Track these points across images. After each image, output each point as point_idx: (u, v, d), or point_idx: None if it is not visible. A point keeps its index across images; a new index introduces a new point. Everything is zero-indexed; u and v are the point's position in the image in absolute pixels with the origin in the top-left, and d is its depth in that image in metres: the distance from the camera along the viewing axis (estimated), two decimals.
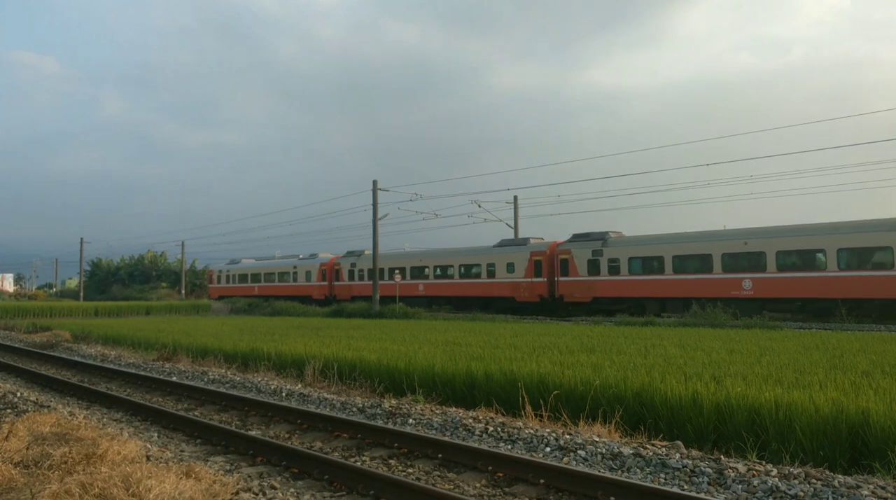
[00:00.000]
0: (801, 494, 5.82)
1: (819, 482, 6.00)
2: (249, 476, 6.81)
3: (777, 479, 6.14)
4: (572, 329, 21.62)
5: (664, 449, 7.29)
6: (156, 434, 9.25)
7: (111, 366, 16.94)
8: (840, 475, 6.19)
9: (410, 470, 7.24)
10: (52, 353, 21.15)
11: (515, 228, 45.44)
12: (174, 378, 14.40)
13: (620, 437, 8.09)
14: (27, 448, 6.36)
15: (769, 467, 6.51)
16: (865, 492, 5.69)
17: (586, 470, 6.67)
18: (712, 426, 8.11)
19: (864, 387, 8.62)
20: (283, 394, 12.00)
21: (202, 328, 27.29)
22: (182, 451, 8.15)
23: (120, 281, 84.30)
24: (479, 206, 44.51)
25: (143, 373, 15.19)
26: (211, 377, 14.29)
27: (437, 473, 7.12)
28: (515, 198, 45.67)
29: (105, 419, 10.10)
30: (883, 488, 5.81)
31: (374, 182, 42.14)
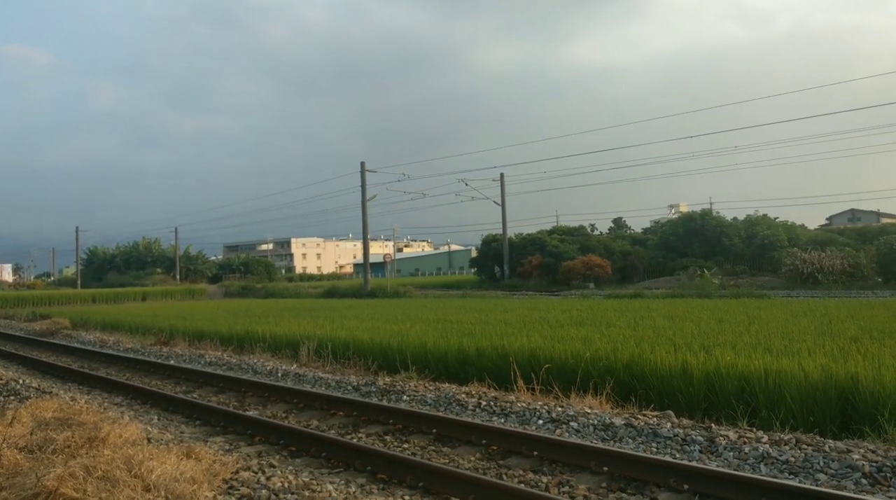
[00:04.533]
0: (792, 459, 5.87)
1: (810, 448, 6.06)
2: (248, 455, 6.89)
3: (768, 445, 6.21)
4: (562, 303, 21.76)
5: (655, 419, 7.37)
6: (156, 417, 9.35)
7: (110, 351, 17.04)
8: (830, 440, 6.25)
9: (406, 446, 7.34)
10: (52, 340, 21.26)
11: (503, 205, 45.33)
12: (172, 362, 14.48)
13: (612, 408, 8.16)
14: (31, 434, 6.42)
15: (760, 433, 6.58)
16: (856, 456, 5.73)
17: (579, 441, 6.78)
18: (703, 395, 8.19)
19: (852, 353, 8.70)
20: (279, 374, 12.10)
21: (198, 312, 27.37)
22: (182, 432, 8.24)
23: (116, 268, 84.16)
24: (466, 184, 44.54)
25: (141, 358, 15.27)
26: (208, 360, 14.38)
27: (432, 448, 7.22)
28: (502, 176, 45.52)
29: (106, 404, 10.18)
30: (873, 451, 5.85)
31: (362, 164, 42.03)
